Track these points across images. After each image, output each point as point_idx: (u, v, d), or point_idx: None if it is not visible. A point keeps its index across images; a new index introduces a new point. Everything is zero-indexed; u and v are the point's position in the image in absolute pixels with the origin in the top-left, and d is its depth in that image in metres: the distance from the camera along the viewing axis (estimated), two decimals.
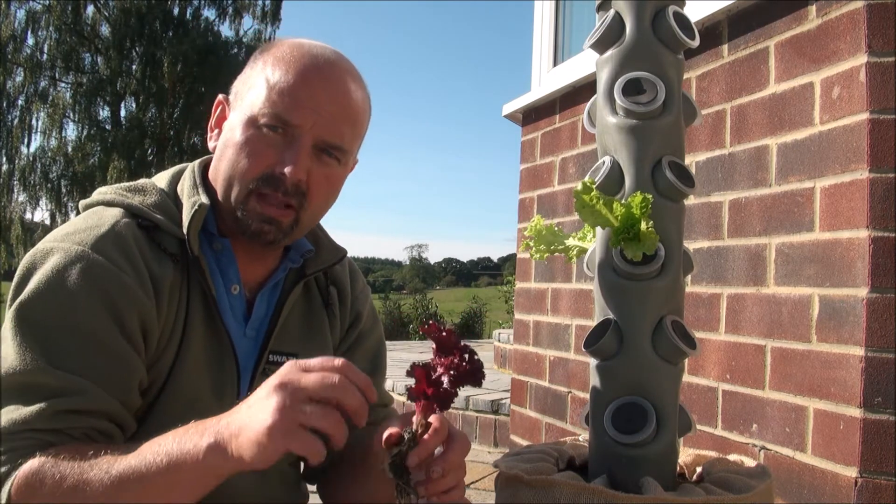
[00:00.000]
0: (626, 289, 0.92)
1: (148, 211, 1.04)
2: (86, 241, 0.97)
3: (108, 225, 1.00)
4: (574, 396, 2.67)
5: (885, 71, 1.59)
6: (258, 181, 1.02)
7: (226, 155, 1.05)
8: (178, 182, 1.11)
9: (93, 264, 0.96)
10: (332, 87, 1.04)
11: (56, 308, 0.94)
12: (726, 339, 1.97)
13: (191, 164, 1.14)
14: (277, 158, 1.01)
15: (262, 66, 1.06)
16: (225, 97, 1.11)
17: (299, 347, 1.16)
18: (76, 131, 19.36)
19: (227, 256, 1.09)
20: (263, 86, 1.03)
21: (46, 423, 0.90)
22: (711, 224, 2.05)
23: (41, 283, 0.95)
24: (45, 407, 0.90)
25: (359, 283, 1.29)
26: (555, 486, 0.85)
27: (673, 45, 0.96)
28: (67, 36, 18.72)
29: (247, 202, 1.03)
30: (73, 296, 0.94)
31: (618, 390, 0.92)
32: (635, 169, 0.94)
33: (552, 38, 3.16)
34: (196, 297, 1.05)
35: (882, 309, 1.56)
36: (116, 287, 0.96)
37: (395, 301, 20.58)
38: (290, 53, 1.05)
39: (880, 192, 1.57)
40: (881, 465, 1.54)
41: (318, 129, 1.02)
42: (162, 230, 1.04)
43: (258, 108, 1.02)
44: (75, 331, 0.94)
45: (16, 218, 18.49)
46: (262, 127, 1.02)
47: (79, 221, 1.02)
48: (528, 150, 3.12)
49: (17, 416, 0.90)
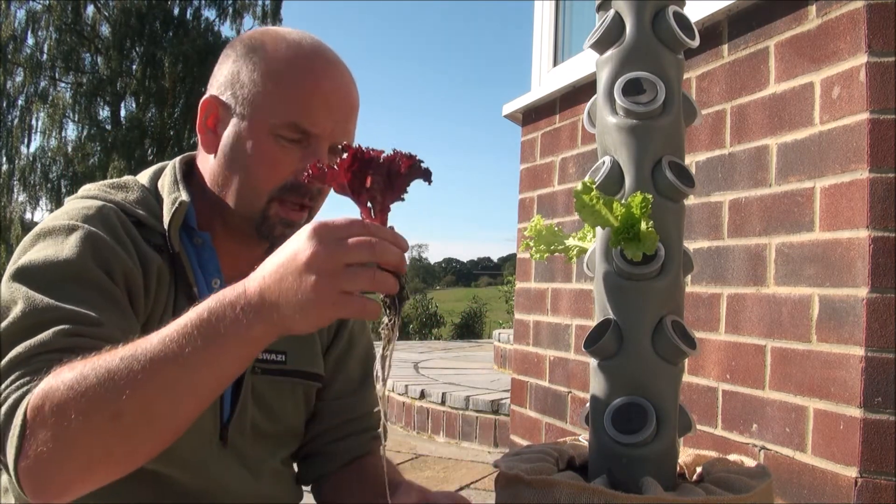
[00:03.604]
0: (626, 289, 0.92)
1: (130, 207, 1.05)
2: (76, 218, 0.99)
3: (96, 208, 1.01)
4: (574, 396, 2.67)
5: (885, 71, 1.59)
6: (281, 190, 1.05)
7: (239, 164, 1.05)
8: (160, 178, 1.12)
9: (87, 233, 0.97)
10: (341, 89, 1.07)
11: (55, 265, 0.94)
12: (726, 339, 1.97)
13: (172, 160, 1.14)
14: (300, 166, 1.03)
15: (264, 69, 1.05)
16: (217, 98, 1.08)
17: (289, 345, 1.16)
18: (76, 131, 19.38)
19: (207, 251, 1.09)
20: (276, 94, 1.03)
21: (64, 343, 0.87)
22: (711, 224, 2.05)
23: (38, 250, 0.96)
24: (61, 330, 0.88)
25: None
26: (555, 486, 0.85)
27: (673, 45, 0.96)
28: (67, 36, 18.73)
29: (268, 209, 1.05)
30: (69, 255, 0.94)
31: (618, 390, 0.92)
32: (635, 169, 0.94)
33: (552, 37, 3.16)
34: (181, 292, 1.05)
35: (882, 309, 1.56)
36: (107, 250, 0.97)
37: None
38: (295, 57, 1.05)
39: (880, 192, 1.57)
40: (881, 465, 1.54)
41: (334, 135, 1.05)
42: (145, 225, 1.04)
43: (274, 118, 1.03)
44: (78, 279, 0.94)
45: (16, 218, 18.48)
46: (280, 137, 1.03)
47: (65, 207, 1.04)
48: (528, 150, 3.12)
49: (32, 342, 0.87)
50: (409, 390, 4.07)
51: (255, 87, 1.04)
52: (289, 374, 1.16)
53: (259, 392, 1.12)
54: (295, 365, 1.17)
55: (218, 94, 1.08)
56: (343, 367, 1.23)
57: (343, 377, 1.23)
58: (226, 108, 1.07)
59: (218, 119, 1.08)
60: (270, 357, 1.14)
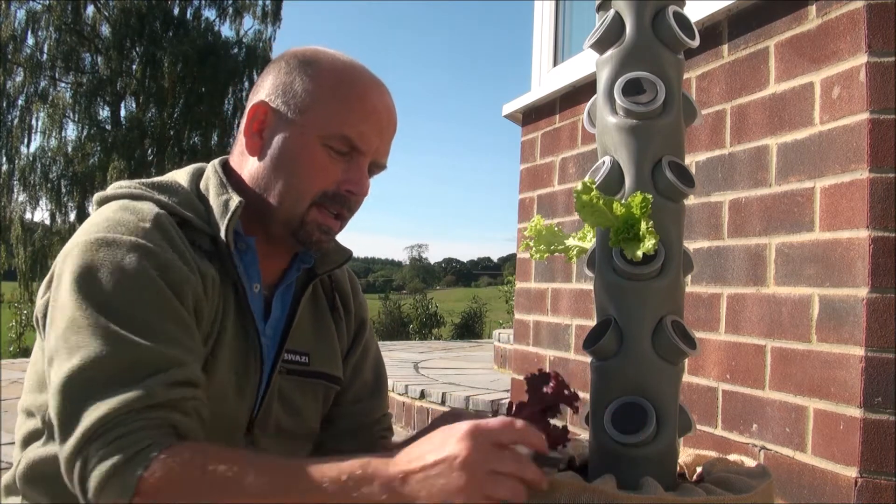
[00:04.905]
0: (626, 289, 0.92)
1: (179, 208, 1.05)
2: (136, 233, 0.98)
3: (151, 219, 1.00)
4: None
5: (885, 71, 1.59)
6: (322, 197, 1.08)
7: (285, 167, 1.07)
8: (200, 181, 1.12)
9: (147, 251, 0.96)
10: (390, 111, 1.12)
11: (126, 289, 0.93)
12: (726, 339, 1.97)
13: (210, 163, 1.15)
14: (343, 177, 1.08)
15: (321, 82, 1.08)
16: (267, 105, 1.09)
17: (311, 347, 1.18)
18: (76, 131, 19.35)
19: (250, 255, 1.11)
20: (331, 107, 1.06)
21: (165, 395, 0.88)
22: (711, 224, 2.05)
23: (108, 273, 0.94)
24: (155, 381, 0.88)
25: (360, 292, 1.33)
26: (555, 486, 0.85)
27: (673, 45, 0.96)
28: (67, 36, 18.70)
29: (308, 213, 1.08)
30: (138, 276, 0.94)
31: (618, 390, 0.92)
32: (635, 169, 0.94)
33: (552, 38, 3.16)
34: (229, 294, 1.07)
35: (882, 309, 1.56)
36: (174, 271, 0.97)
37: (395, 301, 20.59)
38: (352, 75, 1.10)
39: (880, 192, 1.57)
40: (881, 465, 1.54)
41: (378, 154, 1.11)
42: (192, 227, 1.05)
43: (328, 130, 1.06)
44: (152, 305, 0.93)
45: (16, 218, 18.46)
46: (329, 148, 1.06)
47: (116, 215, 1.01)
48: (528, 150, 3.12)
49: (127, 397, 0.86)
50: (409, 390, 4.07)
51: (308, 97, 1.07)
52: (311, 376, 1.18)
53: (284, 392, 1.14)
54: (317, 366, 1.19)
55: (268, 100, 1.10)
56: (359, 372, 1.27)
57: (360, 381, 1.27)
58: (276, 113, 1.09)
59: (266, 124, 1.10)
60: (295, 358, 1.16)
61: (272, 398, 1.12)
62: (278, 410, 1.14)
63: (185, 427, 0.90)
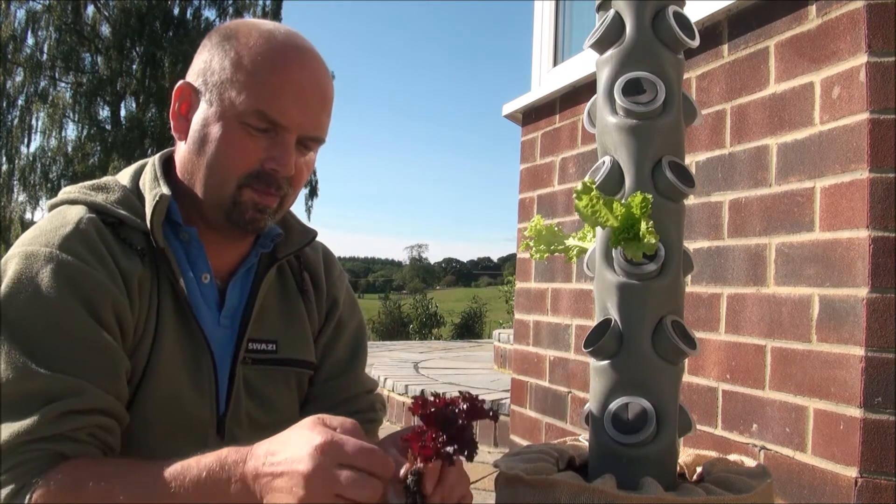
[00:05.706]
0: (626, 289, 0.92)
1: (111, 207, 1.04)
2: (52, 242, 0.98)
3: (73, 224, 1.00)
4: (574, 396, 2.67)
5: (885, 71, 1.59)
6: (247, 177, 1.04)
7: (206, 150, 1.05)
8: (140, 177, 1.11)
9: (62, 264, 0.96)
10: (313, 83, 1.06)
11: (34, 311, 0.94)
12: (726, 339, 1.97)
13: (152, 157, 1.14)
14: (266, 155, 1.04)
15: (234, 57, 1.04)
16: (190, 85, 1.07)
17: (279, 334, 1.16)
18: (76, 131, 19.37)
19: (194, 245, 1.09)
20: (245, 82, 1.02)
21: (51, 429, 0.90)
22: (711, 224, 2.05)
23: (14, 289, 0.95)
24: (45, 412, 0.90)
25: (335, 269, 1.29)
26: (555, 486, 0.85)
27: (673, 45, 0.96)
28: (67, 36, 18.71)
29: (240, 195, 1.05)
30: (48, 297, 0.94)
31: (618, 390, 0.92)
32: (635, 169, 0.94)
33: (552, 38, 3.16)
34: (165, 290, 1.05)
35: (882, 309, 1.56)
36: (89, 283, 0.96)
37: (395, 301, 20.59)
38: (266, 46, 1.04)
39: (880, 192, 1.57)
40: (881, 465, 1.54)
41: (303, 128, 1.05)
42: (127, 226, 1.04)
43: (243, 107, 1.02)
44: (57, 330, 0.94)
45: (16, 218, 18.47)
46: (248, 126, 1.03)
47: (44, 224, 1.02)
48: (528, 150, 3.12)
49: (20, 428, 0.89)
50: (409, 390, 4.07)
51: (224, 74, 1.04)
52: (281, 364, 1.16)
53: (252, 383, 1.12)
54: (286, 353, 1.16)
55: (191, 80, 1.08)
56: (330, 351, 1.23)
57: (331, 360, 1.23)
58: (197, 94, 1.07)
59: (189, 105, 1.08)
60: (260, 347, 1.13)
61: (239, 391, 1.10)
62: (248, 403, 1.11)
63: (78, 454, 0.92)
